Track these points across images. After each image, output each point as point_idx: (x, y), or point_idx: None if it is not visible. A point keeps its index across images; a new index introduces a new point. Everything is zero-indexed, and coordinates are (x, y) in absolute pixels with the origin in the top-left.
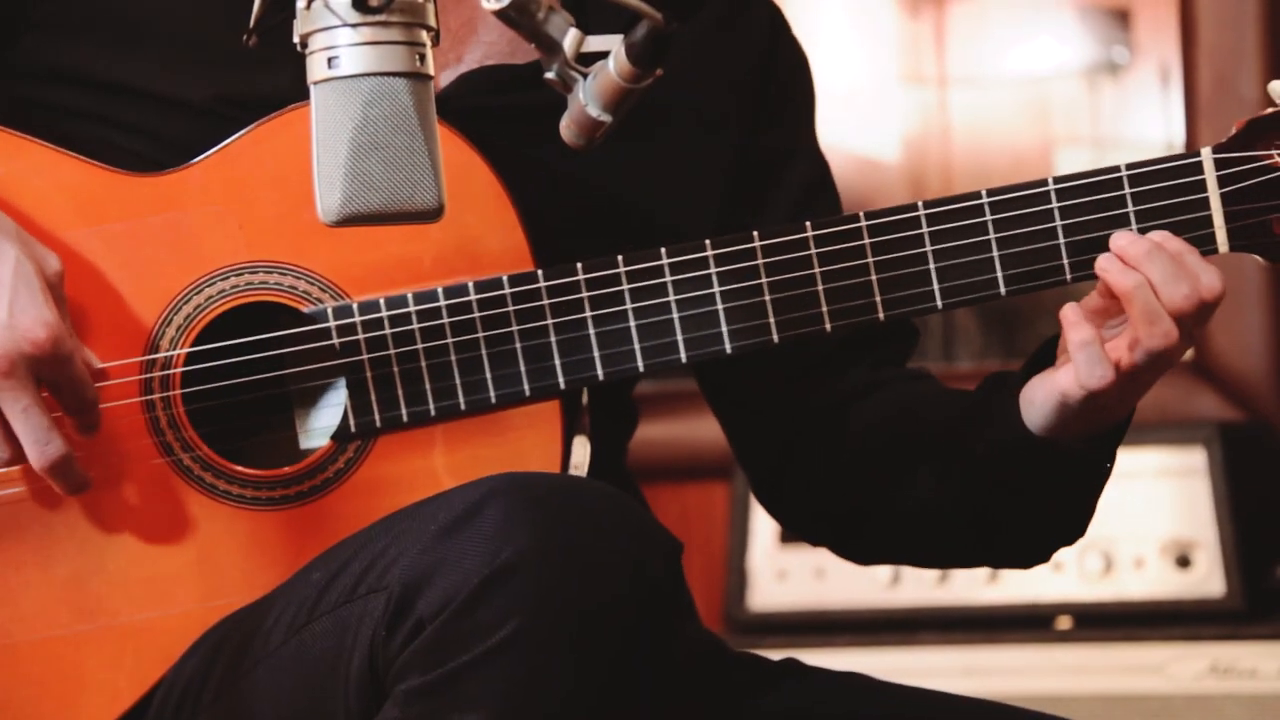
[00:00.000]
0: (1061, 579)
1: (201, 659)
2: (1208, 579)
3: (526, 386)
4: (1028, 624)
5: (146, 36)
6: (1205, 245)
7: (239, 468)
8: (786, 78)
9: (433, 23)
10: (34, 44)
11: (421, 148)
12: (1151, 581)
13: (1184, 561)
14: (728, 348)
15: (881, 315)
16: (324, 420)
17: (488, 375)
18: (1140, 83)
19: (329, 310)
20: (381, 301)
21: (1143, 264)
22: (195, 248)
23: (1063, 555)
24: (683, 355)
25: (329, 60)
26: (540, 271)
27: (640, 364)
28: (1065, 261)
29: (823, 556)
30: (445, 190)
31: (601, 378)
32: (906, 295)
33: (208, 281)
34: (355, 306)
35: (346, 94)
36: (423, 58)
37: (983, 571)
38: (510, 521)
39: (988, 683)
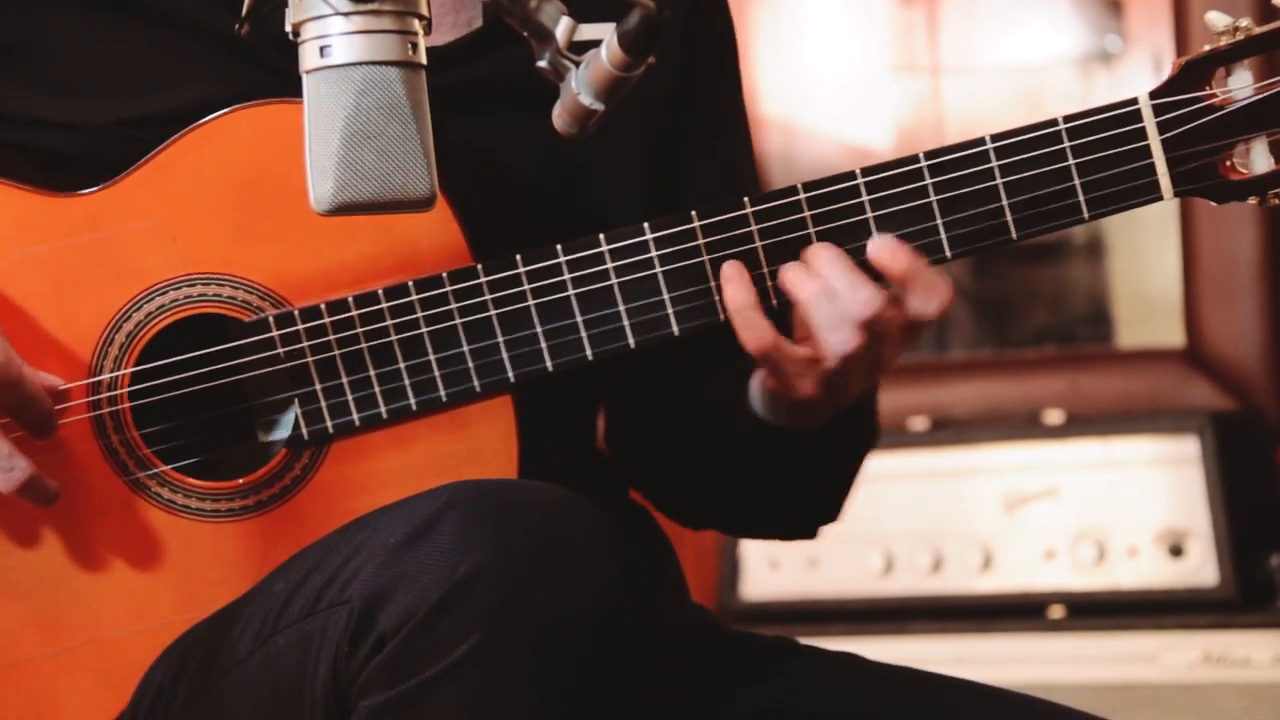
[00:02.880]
0: (1054, 568)
1: (169, 667)
2: (1201, 568)
3: (476, 383)
4: (1021, 613)
5: (45, 68)
6: (1150, 193)
7: (196, 481)
8: (708, 46)
9: (425, 11)
10: None
11: (414, 136)
12: (1144, 571)
13: (1177, 550)
14: (675, 330)
15: None
16: (278, 429)
17: (436, 374)
18: (1133, 71)
19: (270, 319)
20: (323, 307)
21: (824, 272)
22: (129, 265)
23: (1056, 544)
24: (630, 341)
25: (321, 49)
26: (480, 266)
27: (589, 352)
28: (1009, 219)
29: (815, 546)
30: (437, 178)
31: (551, 369)
32: None
33: (145, 298)
34: (297, 313)
35: (339, 83)
36: (415, 46)
37: (976, 561)
38: (467, 534)
39: (981, 672)
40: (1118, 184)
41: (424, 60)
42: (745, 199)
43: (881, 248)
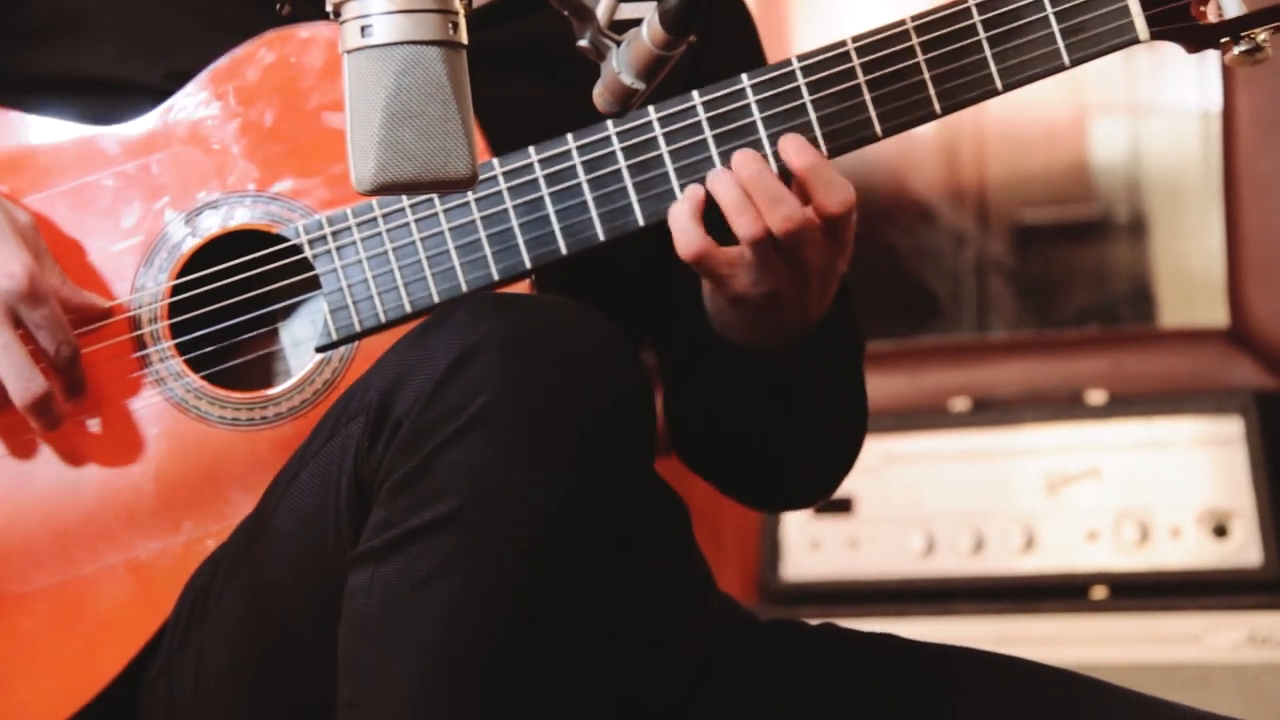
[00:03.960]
0: (1097, 549)
1: (209, 569)
2: (1245, 548)
3: (494, 270)
4: (1063, 594)
5: (95, 32)
6: (1125, 35)
7: (231, 392)
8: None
9: None
10: None
11: (455, 116)
12: (1188, 551)
13: (1221, 531)
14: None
15: (826, 150)
16: (309, 335)
17: (456, 265)
18: (1176, 48)
19: (299, 227)
20: (348, 211)
21: (736, 165)
22: (168, 188)
23: (1099, 525)
24: (640, 219)
25: (362, 29)
26: (495, 160)
27: (600, 233)
28: (993, 70)
29: (857, 526)
30: (478, 157)
31: (565, 252)
32: (849, 125)
33: (183, 219)
34: (324, 219)
35: (380, 62)
36: (455, 26)
37: (1018, 541)
38: (478, 315)
39: (1022, 653)
40: (1095, 27)
41: (465, 39)
42: (744, 75)
43: (786, 143)
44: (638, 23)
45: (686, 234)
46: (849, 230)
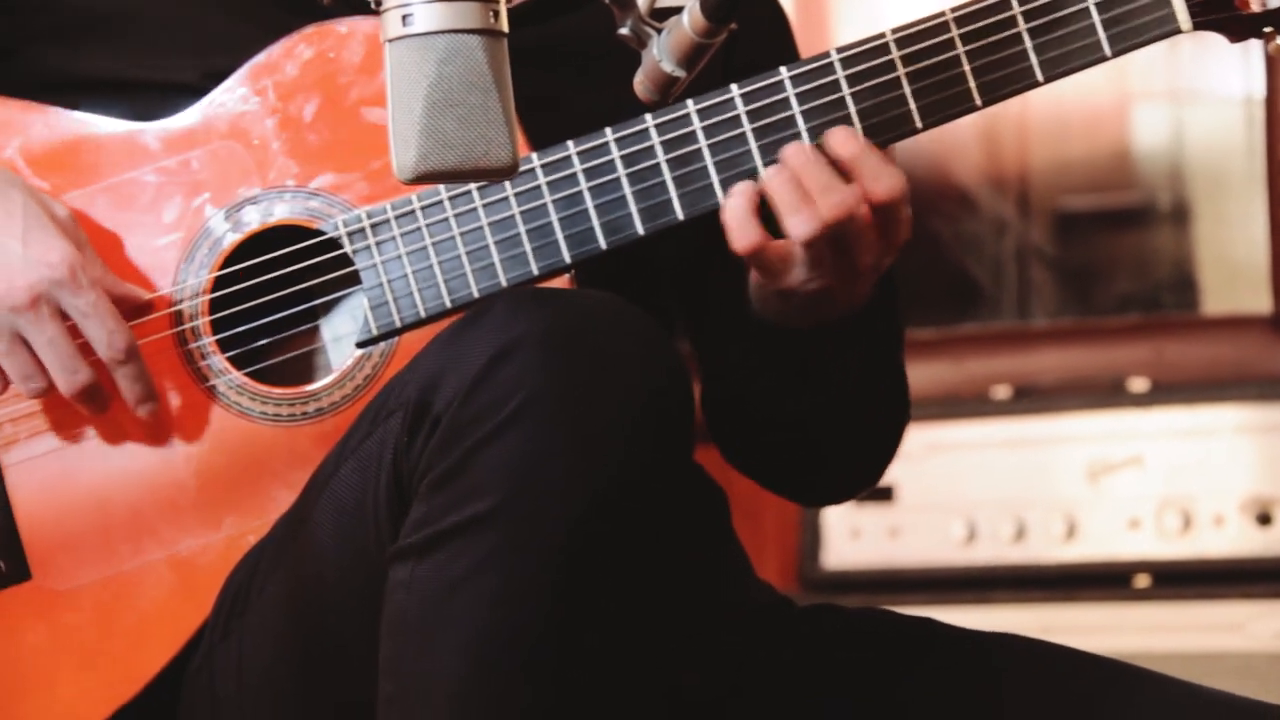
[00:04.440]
0: (1140, 537)
1: (248, 564)
2: None
3: (534, 266)
4: (1105, 582)
5: (132, 34)
6: (1167, 25)
7: (273, 388)
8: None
9: None
10: (31, 57)
11: (496, 105)
12: (1231, 539)
13: (1264, 519)
14: (720, 198)
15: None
16: (349, 330)
17: (496, 261)
18: (1219, 36)
19: (339, 221)
20: (388, 206)
21: (789, 160)
22: (208, 184)
23: (1141, 513)
24: (679, 213)
25: (403, 18)
26: (534, 154)
27: (639, 227)
28: (1034, 62)
29: (897, 515)
30: (519, 146)
31: (604, 246)
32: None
33: (223, 215)
34: (363, 214)
35: (421, 51)
36: (496, 14)
37: (1060, 530)
38: (515, 311)
39: (1065, 641)
40: (1137, 17)
41: (505, 28)
42: (782, 68)
43: (833, 133)
44: (678, 11)
45: (743, 229)
46: (900, 226)
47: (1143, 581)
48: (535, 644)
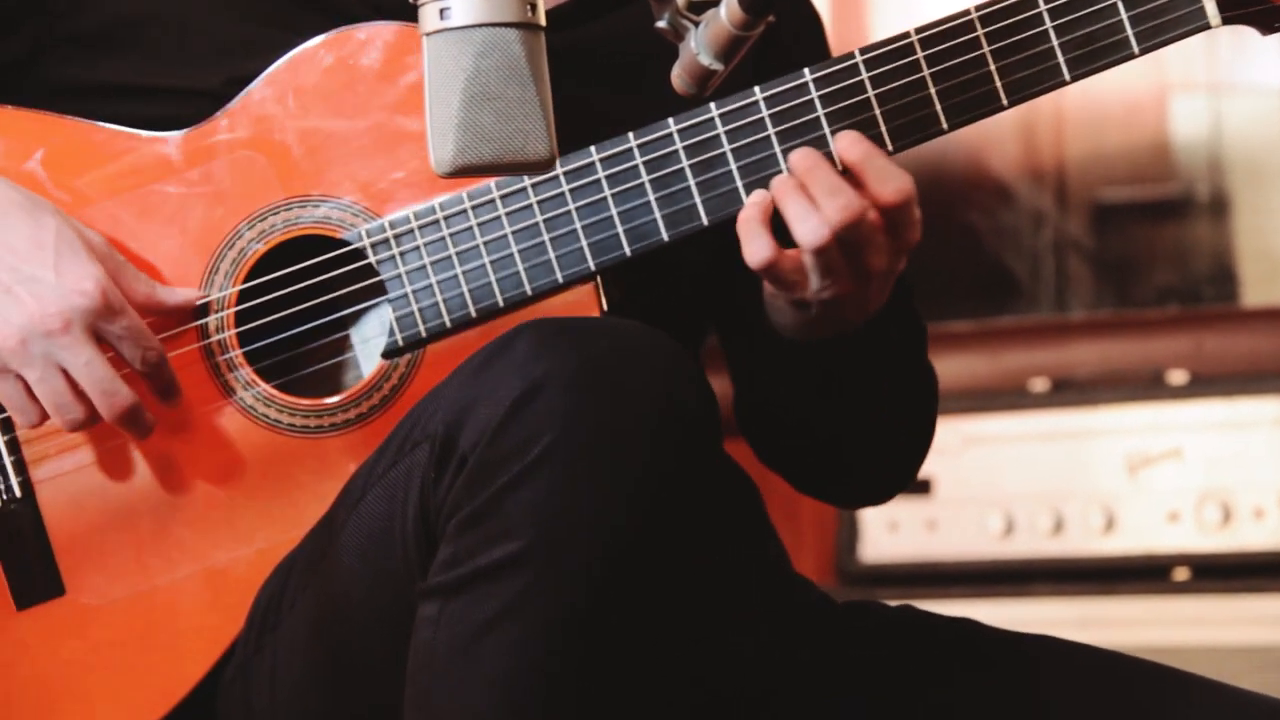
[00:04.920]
0: (1179, 530)
1: (278, 578)
2: None
3: (559, 275)
4: (1144, 575)
5: (155, 40)
6: (1197, 20)
7: (299, 399)
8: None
9: None
10: (53, 64)
11: (533, 98)
12: (1271, 532)
13: None
14: (744, 202)
15: (890, 146)
16: (374, 341)
17: (521, 270)
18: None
19: (362, 231)
20: (410, 214)
21: (795, 167)
22: (231, 194)
23: (1180, 506)
24: (704, 218)
25: (441, 11)
26: (557, 160)
27: (664, 233)
28: (1061, 60)
29: (935, 508)
30: (556, 140)
31: (629, 254)
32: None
33: (247, 225)
34: (386, 223)
35: (458, 45)
36: (534, 7)
37: (1098, 522)
38: (540, 346)
39: (1103, 635)
40: (1165, 13)
41: (543, 21)
42: (805, 70)
43: (839, 138)
44: (716, 4)
45: (755, 242)
46: (911, 228)
47: (1182, 575)
48: (565, 685)
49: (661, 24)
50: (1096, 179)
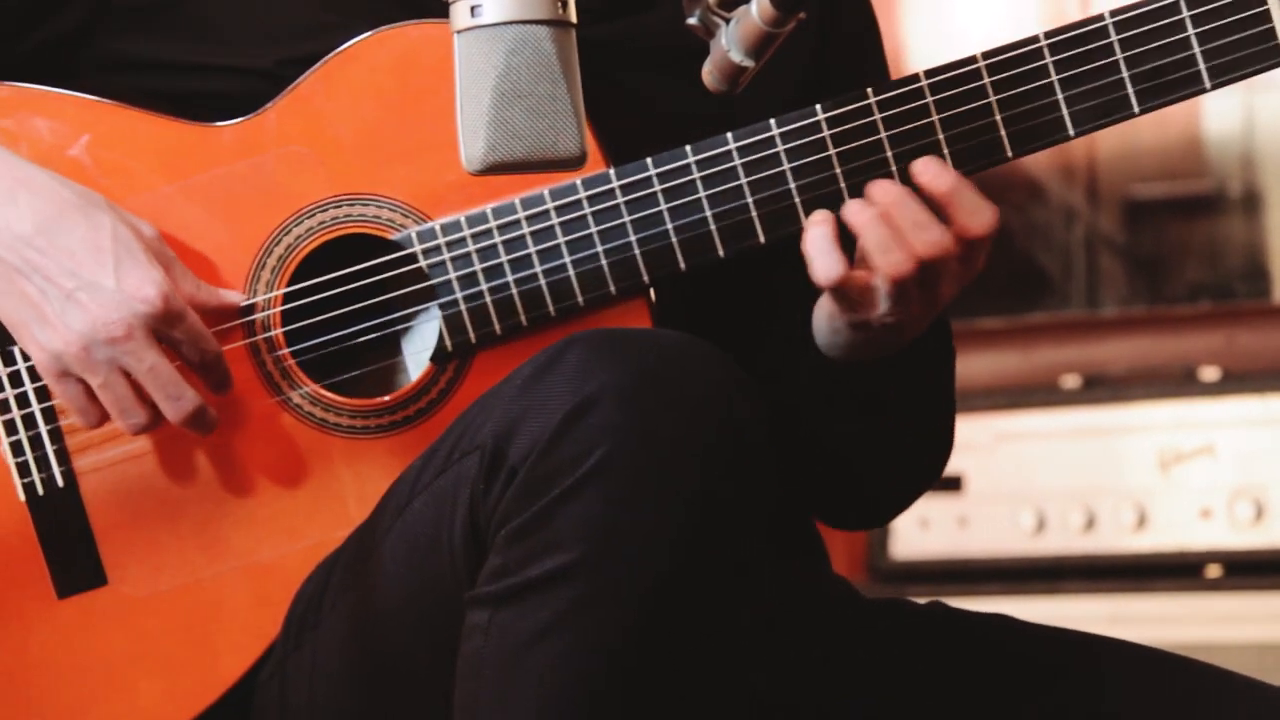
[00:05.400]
0: (1211, 527)
1: (318, 578)
2: None
3: (612, 285)
4: (1176, 573)
5: (208, 18)
6: (1272, 58)
7: (346, 399)
8: (847, 28)
9: None
10: (106, 40)
11: (564, 95)
12: None
13: None
14: (803, 220)
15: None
16: (422, 344)
17: (573, 278)
18: None
19: (413, 234)
20: (462, 219)
21: (879, 198)
22: (279, 189)
23: (1212, 502)
24: (761, 235)
25: (472, 9)
26: (612, 171)
27: (720, 249)
28: (1130, 92)
29: (966, 505)
30: (587, 137)
31: (684, 267)
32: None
33: (295, 221)
34: (438, 227)
35: (489, 42)
36: (565, 4)
37: (1130, 519)
38: (592, 359)
39: (1136, 631)
40: (1238, 50)
41: (574, 18)
42: (869, 89)
43: (924, 166)
44: (747, 0)
45: (826, 258)
46: (983, 257)
47: (1214, 572)
48: (613, 696)
49: (692, 21)
50: (1128, 175)
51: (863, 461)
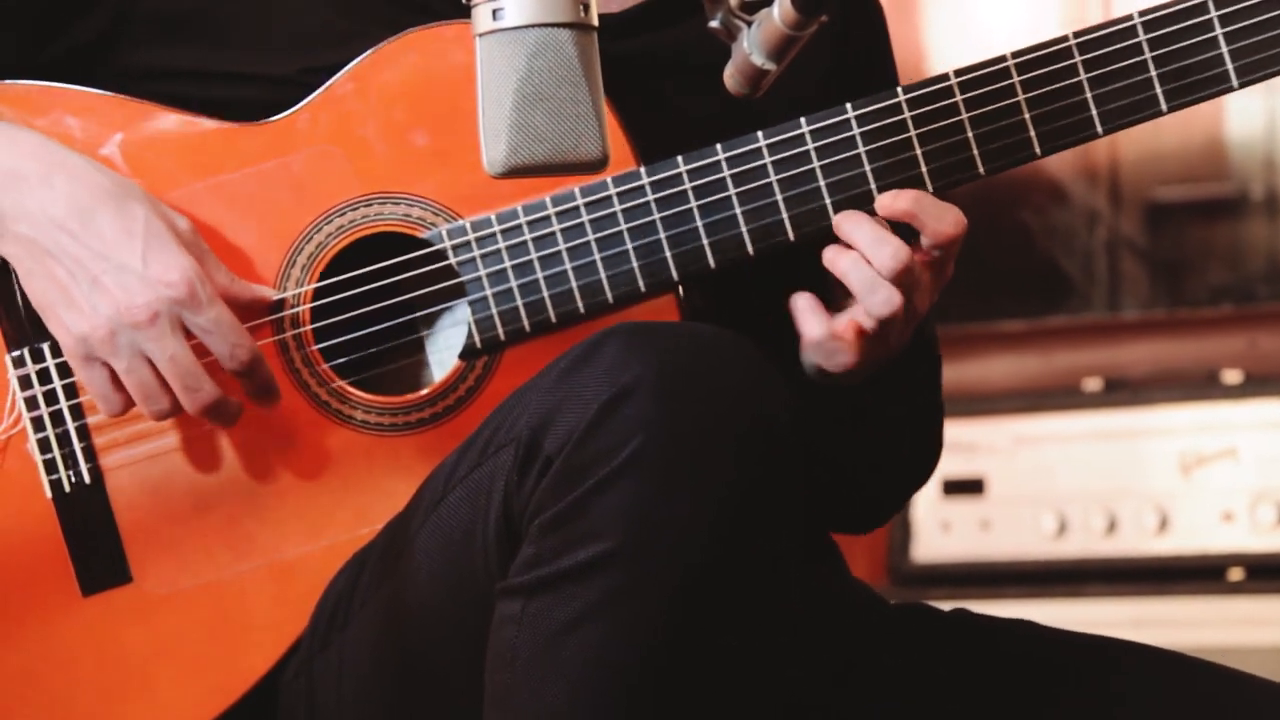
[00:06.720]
0: (1233, 530)
1: (349, 575)
2: None
3: (641, 283)
4: (1198, 576)
5: (232, 25)
6: None
7: (374, 397)
8: (860, 34)
9: None
10: (129, 46)
11: (586, 98)
12: None
13: None
14: (833, 218)
15: (982, 169)
16: (451, 341)
17: (603, 276)
18: None
19: (443, 232)
20: (493, 217)
21: (853, 238)
22: (309, 188)
23: (1234, 505)
24: (790, 234)
25: (494, 12)
26: (643, 169)
27: (750, 247)
28: (1159, 92)
29: (988, 508)
30: (609, 140)
31: (713, 265)
32: (1007, 145)
33: (325, 220)
34: (468, 224)
35: (511, 45)
36: (586, 8)
37: (1152, 522)
38: (628, 351)
39: (1158, 635)
40: (1265, 49)
41: (595, 22)
42: (899, 88)
43: (881, 200)
44: (768, 3)
45: (813, 316)
46: (950, 264)
47: (1236, 575)
48: (646, 686)
49: (714, 24)
50: (1151, 178)
51: (854, 469)
